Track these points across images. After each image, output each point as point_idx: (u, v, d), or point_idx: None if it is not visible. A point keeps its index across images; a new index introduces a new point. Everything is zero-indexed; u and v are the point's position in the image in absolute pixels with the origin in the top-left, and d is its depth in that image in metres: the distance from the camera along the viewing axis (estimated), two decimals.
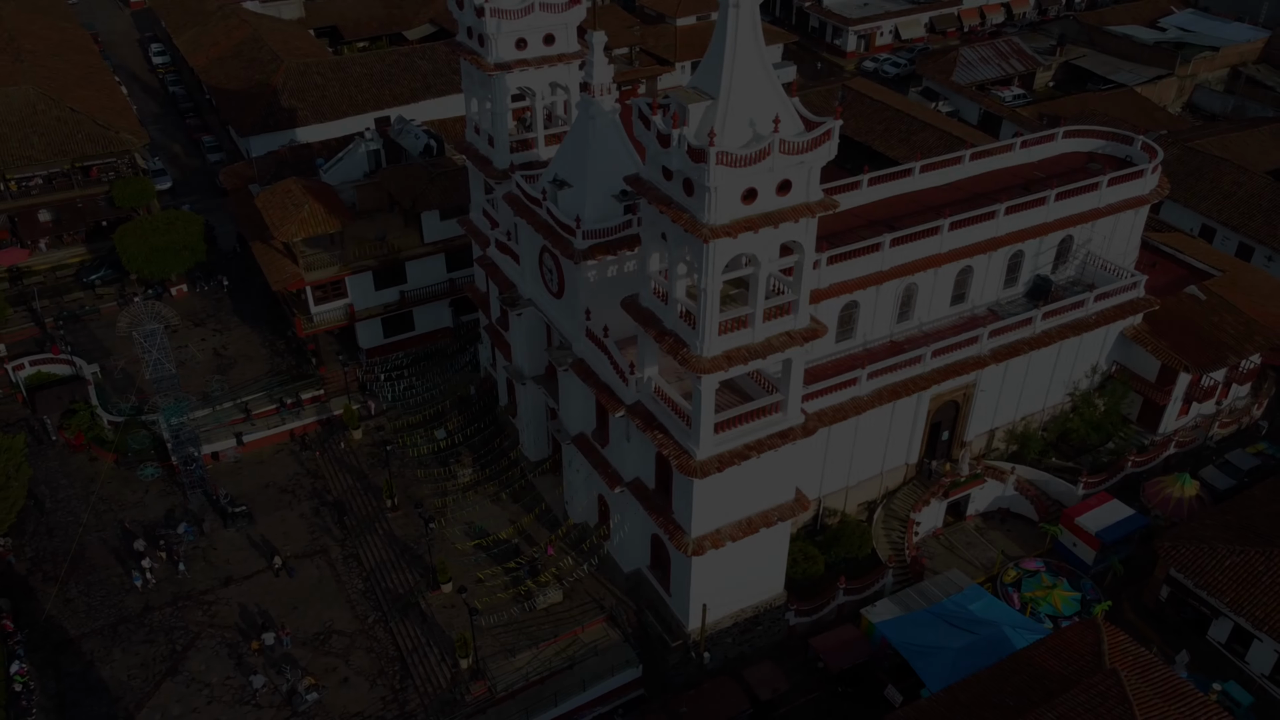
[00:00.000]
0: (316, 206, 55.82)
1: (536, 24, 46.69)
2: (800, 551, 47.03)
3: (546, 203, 42.56)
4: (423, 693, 42.61)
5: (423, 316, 61.07)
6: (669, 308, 36.84)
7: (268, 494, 52.73)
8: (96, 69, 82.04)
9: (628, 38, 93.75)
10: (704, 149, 31.76)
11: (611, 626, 44.62)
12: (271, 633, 44.80)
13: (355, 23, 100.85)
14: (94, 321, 64.30)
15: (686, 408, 37.83)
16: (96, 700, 42.36)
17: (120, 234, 64.28)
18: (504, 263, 49.72)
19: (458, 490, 51.13)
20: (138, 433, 54.31)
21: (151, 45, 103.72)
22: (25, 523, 50.24)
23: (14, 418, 56.75)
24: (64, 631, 45.27)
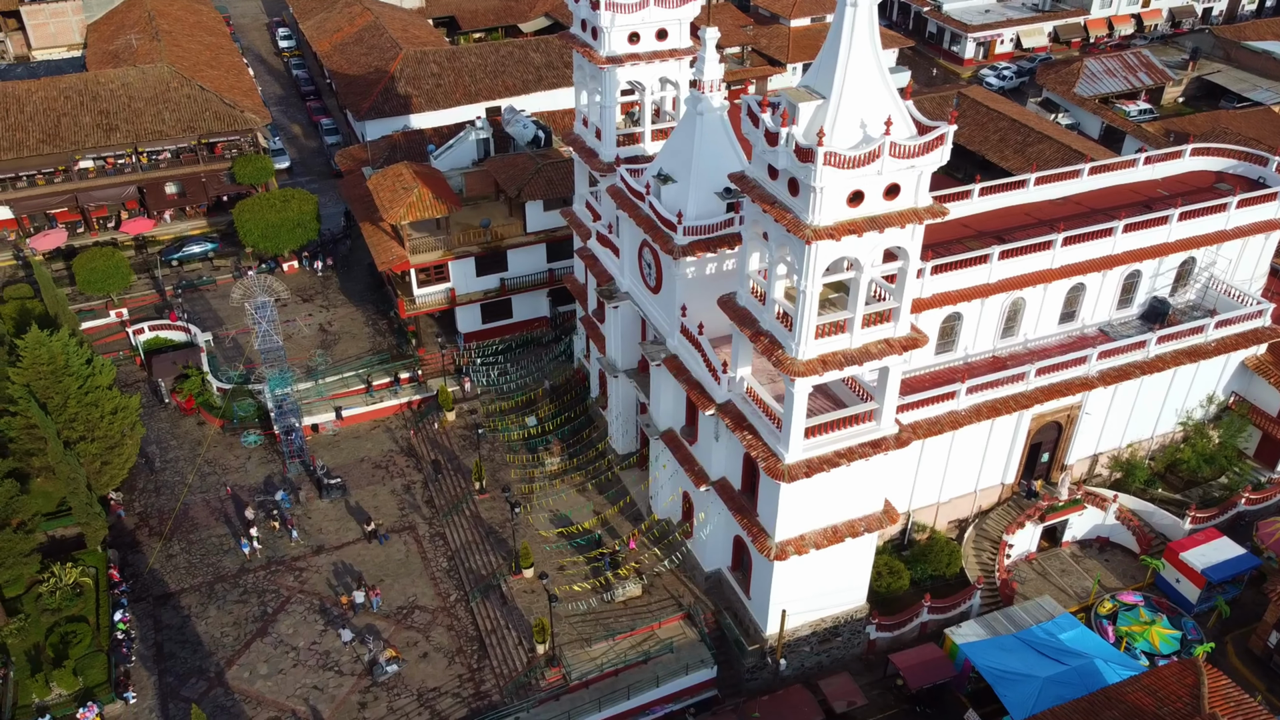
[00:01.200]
0: (425, 191, 57.03)
1: (650, 18, 46.77)
2: (885, 565, 46.11)
3: (649, 197, 42.61)
4: (498, 674, 43.19)
5: (521, 305, 61.90)
6: (766, 308, 36.47)
7: (362, 469, 54.14)
8: (226, 50, 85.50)
9: (740, 37, 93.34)
10: (812, 148, 31.31)
11: (689, 625, 44.48)
12: (362, 591, 46.10)
13: (472, 13, 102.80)
14: (210, 292, 67.01)
15: (778, 410, 37.41)
16: (191, 653, 44.14)
17: (239, 209, 66.84)
18: (604, 255, 50.01)
19: (545, 478, 51.67)
20: (244, 401, 56.43)
21: (279, 29, 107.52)
22: (136, 479, 52.68)
23: (132, 379, 59.53)
24: (165, 585, 47.32)
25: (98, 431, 47.03)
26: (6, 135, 66.80)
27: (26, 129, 67.45)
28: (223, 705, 41.93)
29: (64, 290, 63.03)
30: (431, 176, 59.29)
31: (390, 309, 63.80)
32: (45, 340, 44.90)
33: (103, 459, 47.83)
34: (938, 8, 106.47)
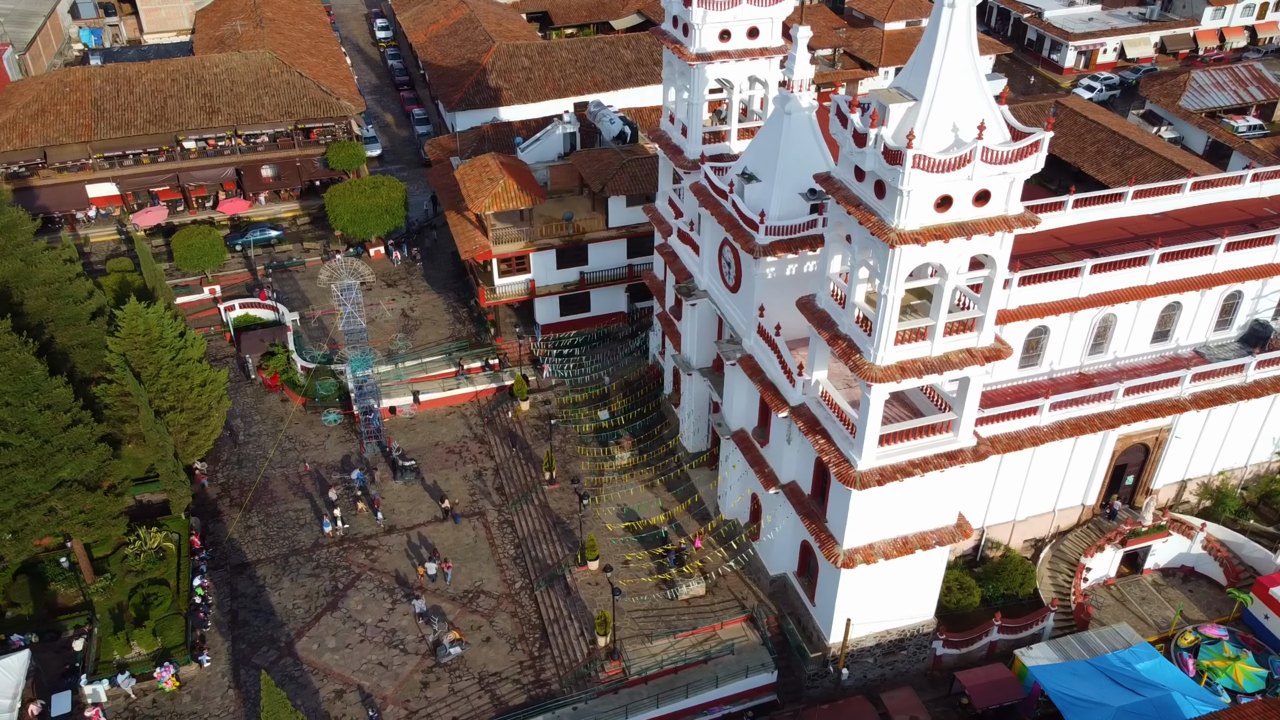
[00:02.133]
0: (510, 183, 57.66)
1: (742, 16, 46.51)
2: (956, 580, 45.13)
3: (733, 195, 42.39)
4: (559, 663, 43.47)
5: (599, 299, 62.22)
6: (845, 311, 35.96)
7: (435, 453, 55.01)
8: (326, 39, 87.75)
9: (832, 39, 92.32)
10: (901, 150, 30.77)
11: (751, 627, 44.16)
12: (434, 563, 46.92)
13: (565, 9, 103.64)
14: (299, 273, 68.84)
15: (853, 416, 36.88)
16: (264, 622, 45.39)
17: (330, 194, 68.49)
18: (684, 253, 49.94)
19: (614, 471, 51.84)
20: (326, 380, 57.83)
21: (377, 20, 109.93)
22: (220, 451, 54.39)
23: (221, 354, 61.49)
24: (242, 555, 48.74)
25: (187, 402, 48.60)
26: (116, 115, 69.61)
27: (135, 109, 70.17)
28: (291, 675, 43.02)
29: (162, 265, 65.34)
30: (517, 168, 59.93)
31: (471, 297, 64.70)
32: (142, 312, 46.55)
33: (190, 429, 49.42)
34: (1038, 14, 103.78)
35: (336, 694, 42.32)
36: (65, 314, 47.09)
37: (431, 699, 42.16)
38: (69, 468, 41.31)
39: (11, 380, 39.30)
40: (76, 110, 69.44)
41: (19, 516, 41.09)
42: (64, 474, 41.25)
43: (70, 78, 71.90)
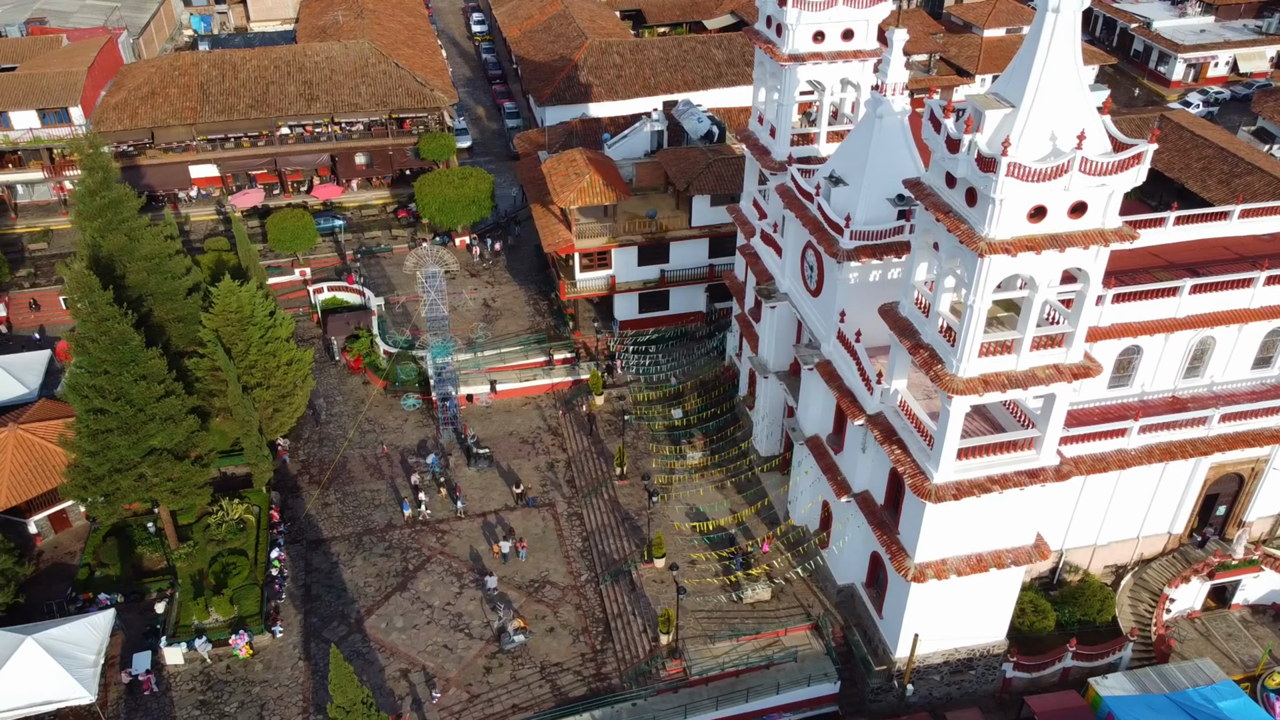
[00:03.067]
0: (596, 178, 57.97)
1: (837, 18, 45.92)
2: (1030, 603, 43.89)
3: (818, 198, 41.89)
4: (620, 658, 43.55)
5: (678, 297, 62.17)
6: (929, 320, 35.23)
7: (510, 442, 55.60)
8: (423, 31, 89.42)
9: (929, 44, 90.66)
10: (995, 158, 30.02)
11: (815, 636, 43.61)
12: (509, 541, 47.65)
13: (659, 7, 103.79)
14: (386, 259, 70.28)
15: (931, 428, 36.12)
16: (335, 597, 46.45)
17: (420, 183, 69.78)
18: (766, 254, 49.56)
19: (685, 470, 51.72)
20: (407, 365, 58.93)
21: (473, 14, 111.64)
22: (303, 429, 55.84)
23: (308, 335, 63.12)
24: (318, 531, 49.95)
25: (273, 380, 49.99)
26: (221, 99, 72.02)
27: (238, 94, 72.50)
28: (359, 651, 43.93)
29: (257, 246, 67.34)
30: (603, 164, 60.22)
31: (552, 291, 65.24)
32: (236, 290, 48.02)
33: (275, 406, 50.82)
34: (1146, 25, 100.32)
35: (401, 673, 43.08)
36: (164, 289, 48.85)
37: (493, 684, 42.62)
38: (160, 436, 42.83)
39: (111, 350, 40.89)
40: (184, 94, 72.03)
41: (111, 480, 42.76)
42: (155, 442, 42.78)
43: (179, 62, 74.63)
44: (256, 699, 41.96)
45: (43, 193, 75.10)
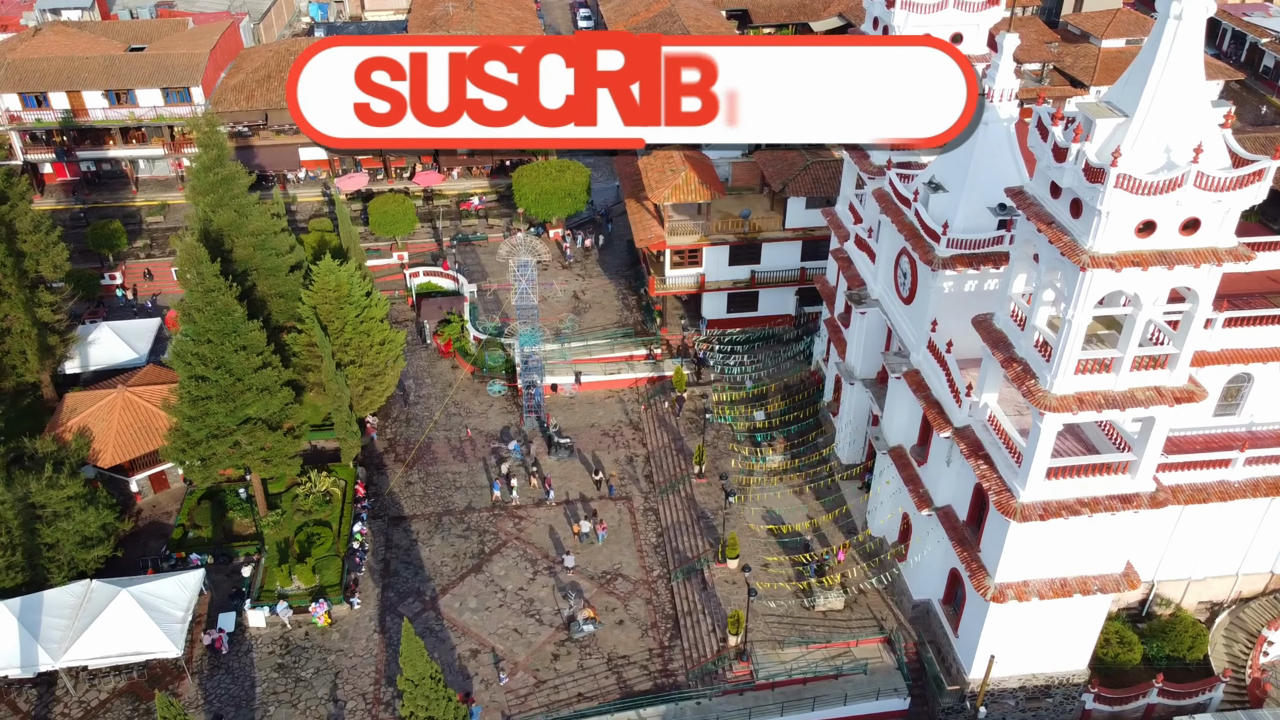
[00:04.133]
0: (692, 175, 57.90)
1: (946, 20, 44.94)
2: (1116, 633, 42.25)
3: (916, 204, 41.05)
4: (688, 656, 43.44)
5: (767, 299, 61.69)
6: (1025, 334, 34.18)
7: (591, 434, 55.96)
8: (529, 25, 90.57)
9: (1043, 53, 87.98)
10: (1103, 168, 28.96)
11: (887, 650, 42.80)
12: (590, 522, 48.18)
13: (766, 8, 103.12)
14: (481, 247, 71.47)
15: (1020, 444, 35.08)
16: (412, 574, 47.44)
17: (518, 174, 70.71)
18: (859, 259, 48.80)
19: (764, 473, 51.31)
20: (495, 352, 59.83)
21: (581, 9, 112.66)
22: (391, 408, 57.18)
23: (402, 317, 64.60)
24: (400, 509, 51.08)
25: (366, 358, 51.30)
26: None
27: None
28: (432, 628, 44.77)
29: (358, 228, 69.17)
30: (700, 162, 60.09)
31: (642, 286, 65.43)
32: (335, 269, 49.41)
33: (366, 384, 52.15)
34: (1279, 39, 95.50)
35: (472, 653, 43.77)
36: (268, 264, 50.53)
37: (560, 671, 42.97)
38: (255, 406, 44.34)
39: (214, 320, 42.50)
40: None
41: (208, 446, 44.46)
42: (250, 411, 44.31)
43: (295, 47, 77.16)
44: (331, 667, 43.14)
45: (162, 168, 78.52)
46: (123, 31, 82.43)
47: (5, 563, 41.80)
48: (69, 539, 43.33)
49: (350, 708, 41.53)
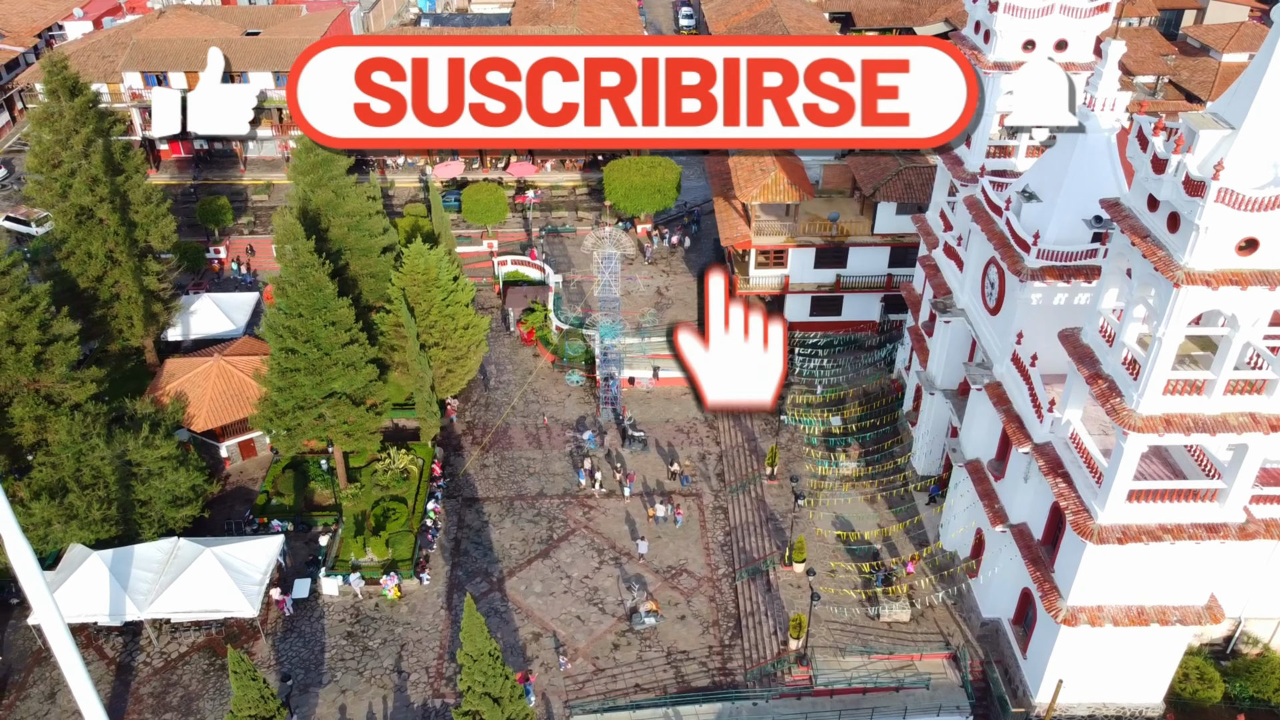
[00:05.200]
0: (781, 176, 57.58)
1: (1051, 26, 43.73)
2: (1196, 669, 40.55)
3: (1007, 212, 40.08)
4: (747, 656, 43.25)
5: (852, 304, 60.93)
6: (1112, 350, 33.09)
7: (665, 429, 56.12)
8: (630, 21, 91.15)
9: (1158, 66, 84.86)
10: (1204, 181, 27.87)
11: (952, 666, 41.91)
12: (666, 506, 48.70)
13: (870, 11, 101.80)
14: (569, 239, 72.26)
15: (1101, 463, 33.99)
16: (481, 555, 48.30)
17: (609, 168, 71.26)
18: (947, 267, 47.86)
19: (836, 478, 50.74)
20: (575, 342, 60.45)
21: (683, 8, 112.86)
22: (471, 392, 58.28)
23: (488, 304, 65.76)
24: (474, 490, 52.03)
25: (449, 341, 52.38)
26: None
27: None
28: (496, 609, 45.53)
29: (450, 215, 70.67)
30: (791, 163, 59.70)
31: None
32: (424, 253, 50.56)
33: (449, 366, 53.26)
34: None
35: (534, 636, 44.36)
36: (361, 245, 52.04)
37: (619, 661, 43.24)
38: (340, 381, 45.70)
39: (306, 295, 43.96)
40: None
41: (294, 416, 46.01)
42: (335, 386, 45.69)
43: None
44: (398, 639, 44.22)
45: (270, 149, 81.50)
46: (240, 16, 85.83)
47: (101, 515, 43.95)
48: (160, 497, 45.33)
49: (413, 680, 42.53)
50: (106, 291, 52.18)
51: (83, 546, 43.65)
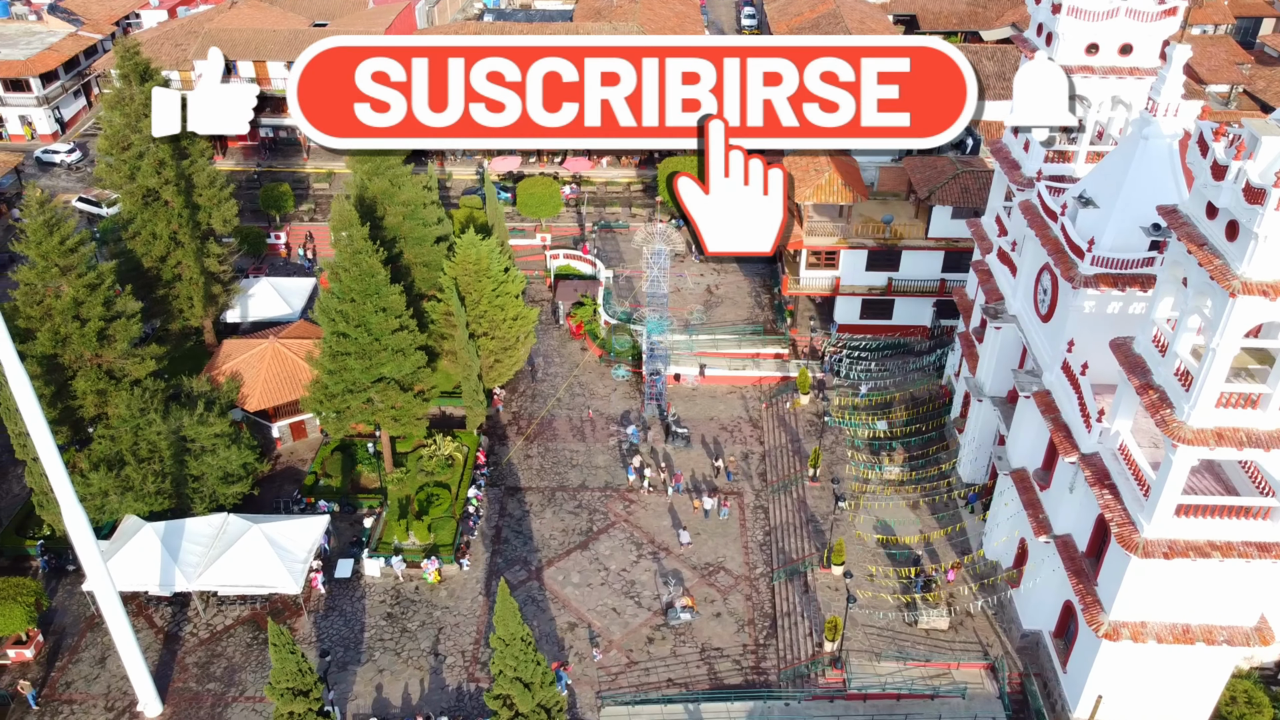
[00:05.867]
0: (835, 176, 57.18)
1: (1116, 29, 42.84)
2: (1244, 693, 39.43)
3: (1063, 218, 39.38)
4: (781, 656, 43.08)
5: (903, 308, 60.29)
6: (1165, 361, 32.37)
7: (709, 426, 56.09)
8: (692, 20, 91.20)
9: (1233, 74, 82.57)
10: (1265, 189, 27.17)
11: (990, 677, 41.30)
12: (714, 499, 49.05)
13: (935, 14, 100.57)
14: (621, 235, 72.57)
15: (1149, 476, 33.26)
16: (521, 543, 48.76)
17: (664, 164, 71.42)
18: (1000, 273, 47.18)
19: (880, 482, 50.28)
20: (622, 337, 60.69)
21: (745, 8, 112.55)
22: (518, 382, 58.84)
23: (539, 296, 66.31)
24: (517, 479, 52.54)
25: (498, 331, 52.97)
26: None
27: None
28: (534, 597, 45.93)
29: (505, 208, 71.36)
30: (846, 164, 59.28)
31: (776, 285, 65.04)
32: (476, 243, 51.21)
33: (497, 356, 53.86)
34: None
35: (569, 625, 44.67)
36: (415, 234, 52.85)
37: (653, 655, 43.35)
38: (390, 366, 46.46)
39: (359, 280, 44.77)
40: None
41: (343, 399, 46.90)
42: (385, 370, 46.46)
43: (462, 30, 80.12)
44: (436, 622, 44.84)
45: None
46: (308, 8, 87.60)
47: (155, 488, 45.26)
48: (213, 473, 46.52)
49: (449, 663, 43.10)
50: (169, 272, 53.68)
51: (137, 518, 45.00)
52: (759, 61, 16.83)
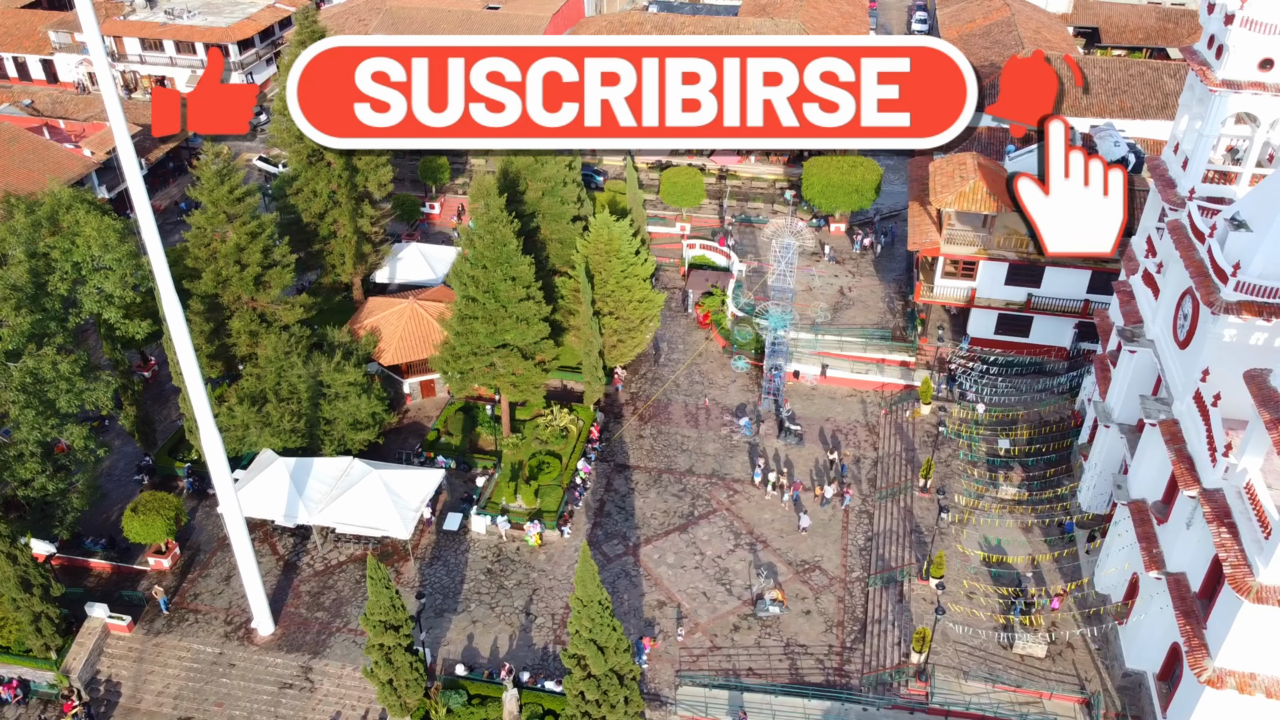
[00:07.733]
0: (981, 185, 55.55)
1: None
2: None
3: (1210, 240, 37.20)
4: (866, 662, 42.52)
5: (1041, 326, 57.97)
6: None
7: (825, 426, 55.62)
8: (858, 20, 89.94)
9: None
10: None
11: (1084, 713, 39.59)
12: (835, 486, 49.92)
13: (1119, 28, 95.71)
14: (759, 230, 72.57)
15: (1274, 518, 31.18)
16: (623, 520, 49.79)
17: (809, 164, 70.93)
18: (1142, 295, 44.91)
19: (993, 499, 48.71)
20: (745, 329, 60.82)
21: (917, 12, 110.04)
22: (640, 364, 59.89)
23: (671, 284, 67.17)
24: (626, 457, 53.60)
25: (623, 311, 54.10)
26: None
27: None
28: (627, 572, 46.87)
29: (648, 195, 72.48)
30: (994, 172, 57.44)
31: (911, 292, 63.71)
32: (610, 224, 52.45)
33: (619, 336, 55.01)
34: None
35: (658, 603, 45.38)
36: (553, 211, 54.57)
37: (737, 643, 43.56)
38: (513, 333, 48.26)
39: (491, 248, 46.69)
40: None
41: (467, 361, 49.04)
42: (508, 337, 48.29)
43: (626, 19, 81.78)
44: (531, 583, 46.40)
45: None
46: None
47: (291, 427, 48.61)
48: (343, 418, 49.57)
49: (539, 623, 44.56)
50: (326, 229, 57.28)
51: (272, 452, 48.47)
52: (759, 62, 16.98)
